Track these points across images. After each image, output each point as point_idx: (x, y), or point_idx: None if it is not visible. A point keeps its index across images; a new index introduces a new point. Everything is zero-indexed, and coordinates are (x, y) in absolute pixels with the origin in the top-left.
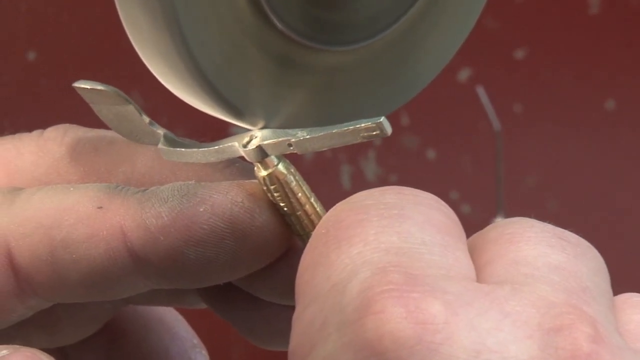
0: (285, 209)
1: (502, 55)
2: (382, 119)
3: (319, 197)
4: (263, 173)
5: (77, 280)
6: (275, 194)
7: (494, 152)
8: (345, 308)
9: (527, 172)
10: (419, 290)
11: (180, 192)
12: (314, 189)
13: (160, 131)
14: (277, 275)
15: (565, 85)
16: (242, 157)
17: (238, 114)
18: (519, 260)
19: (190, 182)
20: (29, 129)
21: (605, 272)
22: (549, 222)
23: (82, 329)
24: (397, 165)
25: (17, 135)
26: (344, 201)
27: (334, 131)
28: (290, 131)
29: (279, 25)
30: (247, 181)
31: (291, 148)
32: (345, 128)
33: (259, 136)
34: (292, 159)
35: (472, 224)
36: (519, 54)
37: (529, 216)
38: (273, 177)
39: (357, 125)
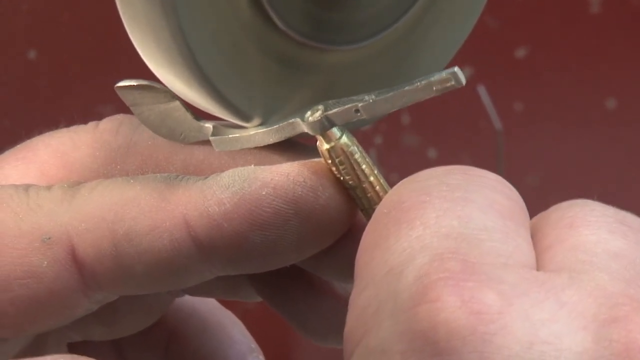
0: (351, 181)
1: (503, 54)
2: (456, 68)
3: None
4: (326, 146)
5: (142, 272)
6: (341, 167)
7: (495, 150)
8: (400, 294)
9: (528, 171)
10: (474, 280)
11: (241, 177)
12: None
13: (209, 124)
14: (341, 254)
15: (566, 84)
16: (302, 134)
17: (240, 113)
18: (578, 247)
19: (250, 166)
20: (30, 127)
21: None
22: None
23: (139, 320)
24: (398, 164)
25: (72, 128)
26: (407, 179)
27: (405, 89)
28: (355, 97)
29: (280, 25)
30: (307, 160)
31: (359, 114)
32: (417, 84)
33: (321, 108)
34: None
35: None
36: (520, 52)
37: (532, 214)
38: (338, 149)
39: (430, 79)
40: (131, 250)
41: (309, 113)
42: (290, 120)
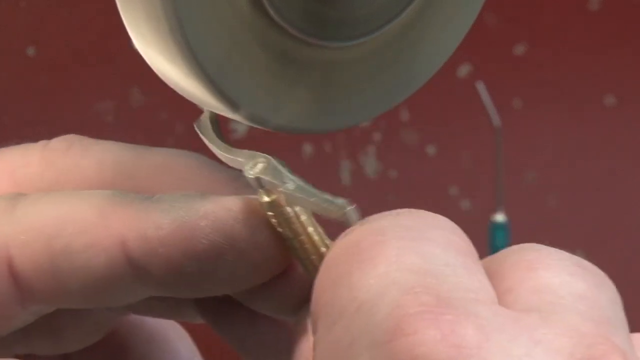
0: (288, 233)
1: (502, 51)
2: (349, 208)
3: None
4: (264, 199)
5: (77, 288)
6: (274, 220)
7: (494, 147)
8: (375, 328)
9: (527, 168)
10: (452, 313)
11: (183, 204)
12: (313, 184)
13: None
14: (275, 291)
15: (565, 80)
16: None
17: (238, 109)
18: (541, 289)
19: (193, 193)
20: (29, 124)
21: (621, 303)
22: (549, 218)
23: (85, 335)
24: (397, 160)
25: (23, 146)
26: (360, 222)
27: (312, 200)
28: (286, 177)
29: (278, 20)
30: (251, 197)
31: (279, 190)
32: (323, 203)
33: (260, 167)
34: (291, 152)
35: (472, 219)
36: (519, 49)
37: (529, 212)
38: (275, 203)
39: (331, 207)
40: (67, 265)
41: (250, 164)
42: (240, 160)
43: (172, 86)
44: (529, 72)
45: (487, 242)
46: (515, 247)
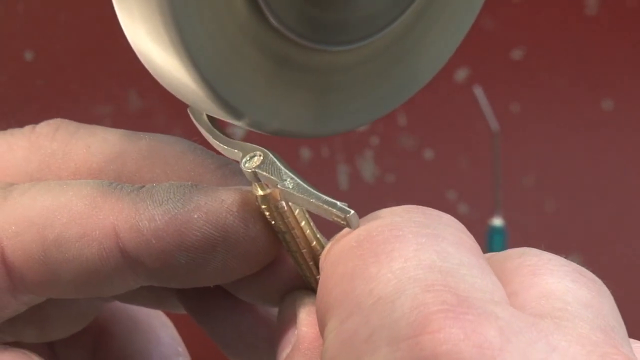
0: (281, 227)
1: (500, 56)
2: (352, 213)
3: None
4: (260, 192)
5: (69, 278)
6: (267, 213)
7: (492, 151)
8: (396, 323)
9: (525, 172)
10: (472, 313)
11: (176, 196)
12: None
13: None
14: (262, 280)
15: (563, 85)
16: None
17: (236, 113)
18: (548, 294)
19: (186, 183)
20: None
21: (618, 310)
22: (546, 222)
23: (70, 324)
24: (394, 165)
25: (8, 131)
26: (368, 217)
27: (311, 200)
28: (284, 174)
29: (276, 24)
30: (243, 188)
31: (277, 187)
32: (324, 204)
33: (256, 160)
34: (289, 156)
35: (470, 223)
36: (517, 54)
37: (528, 216)
38: (270, 197)
39: (332, 209)
40: (59, 256)
41: (247, 157)
42: (237, 153)
43: (171, 90)
44: (526, 77)
45: (485, 246)
46: (513, 251)
